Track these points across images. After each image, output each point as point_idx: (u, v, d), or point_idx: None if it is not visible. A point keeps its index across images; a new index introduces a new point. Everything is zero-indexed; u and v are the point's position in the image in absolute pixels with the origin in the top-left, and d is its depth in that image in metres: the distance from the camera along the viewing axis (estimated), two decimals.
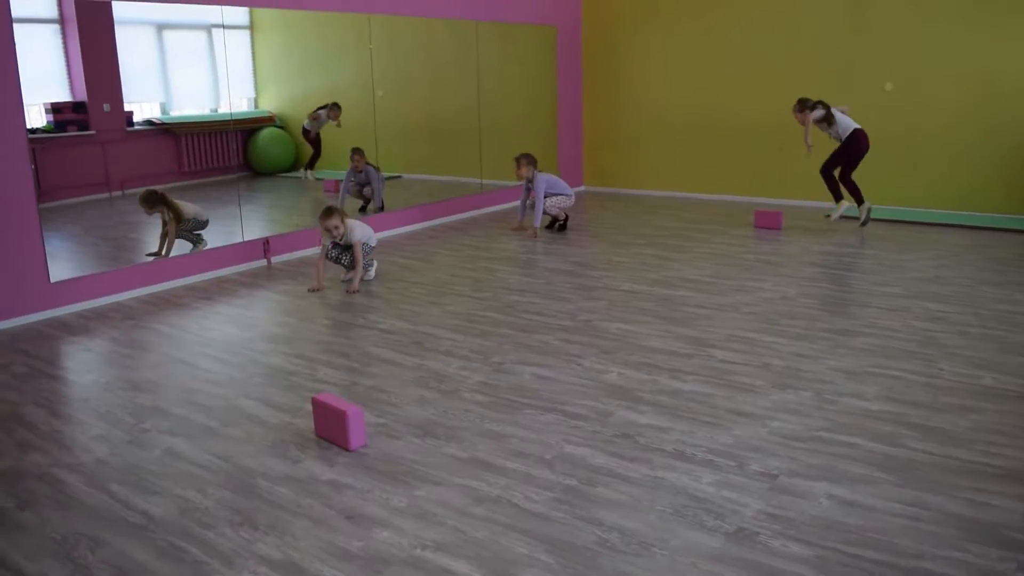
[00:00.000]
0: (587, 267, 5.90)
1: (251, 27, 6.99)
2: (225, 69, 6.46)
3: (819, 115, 6.68)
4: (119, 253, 5.93)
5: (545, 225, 7.36)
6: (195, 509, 2.71)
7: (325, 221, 5.37)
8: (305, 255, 6.56)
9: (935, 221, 7.07)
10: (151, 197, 5.75)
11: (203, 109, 6.67)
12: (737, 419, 3.28)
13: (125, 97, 5.98)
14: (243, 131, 6.96)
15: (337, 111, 7.34)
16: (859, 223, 6.86)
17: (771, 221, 7.09)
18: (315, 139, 7.39)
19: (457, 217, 8.09)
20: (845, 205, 6.87)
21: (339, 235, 5.41)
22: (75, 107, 5.73)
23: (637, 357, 4.02)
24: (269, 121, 7.19)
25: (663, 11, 8.74)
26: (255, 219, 6.61)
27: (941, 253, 6.00)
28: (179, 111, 6.50)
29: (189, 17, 6.23)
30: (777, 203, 8.27)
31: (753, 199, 8.41)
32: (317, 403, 3.21)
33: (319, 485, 2.84)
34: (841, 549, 2.37)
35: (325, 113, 7.29)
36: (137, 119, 6.17)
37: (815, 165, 8.11)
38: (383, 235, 7.26)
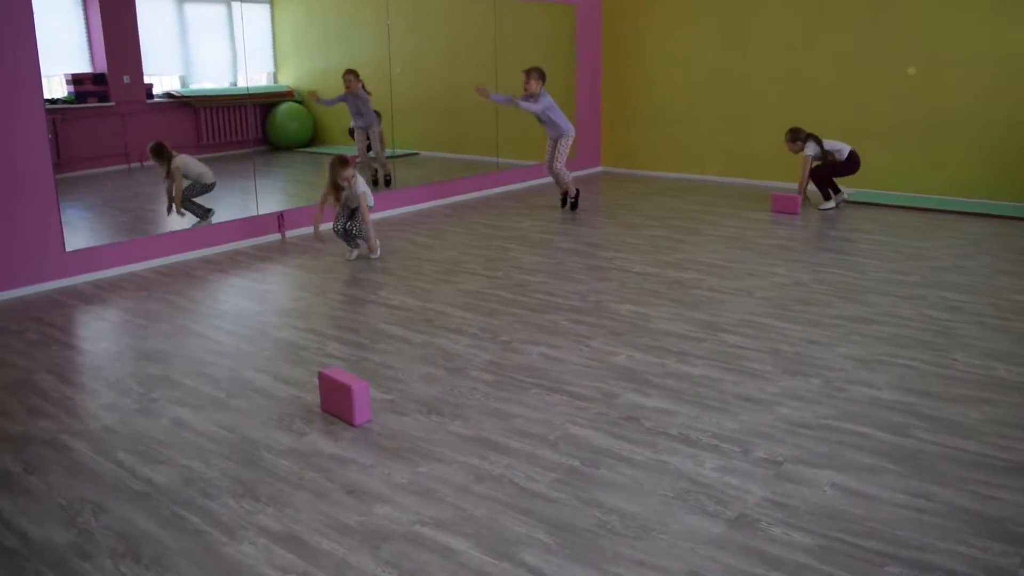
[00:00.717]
0: (600, 248, 5.86)
1: (271, 1, 6.97)
2: (244, 43, 6.45)
3: (815, 154, 7.12)
4: (136, 224, 5.97)
5: (559, 200, 7.36)
6: (199, 479, 2.73)
7: (340, 171, 5.25)
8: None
9: (955, 209, 6.96)
10: (157, 150, 5.79)
11: (222, 83, 6.69)
12: (744, 404, 3.25)
13: (145, 69, 6.01)
14: (262, 105, 6.97)
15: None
16: (827, 207, 7.17)
17: (788, 206, 7.01)
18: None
19: (472, 195, 8.07)
20: (847, 190, 7.30)
21: (348, 186, 5.34)
22: (95, 79, 5.76)
23: (647, 340, 3.99)
24: (288, 96, 7.19)
25: None
26: (271, 193, 6.63)
27: (961, 241, 5.91)
28: (198, 84, 6.51)
29: None
30: (795, 188, 8.17)
31: (771, 183, 8.32)
32: (323, 377, 3.21)
33: (322, 459, 2.85)
34: (843, 539, 2.35)
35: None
36: (157, 91, 6.19)
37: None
38: (399, 212, 7.26)
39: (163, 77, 6.31)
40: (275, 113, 7.12)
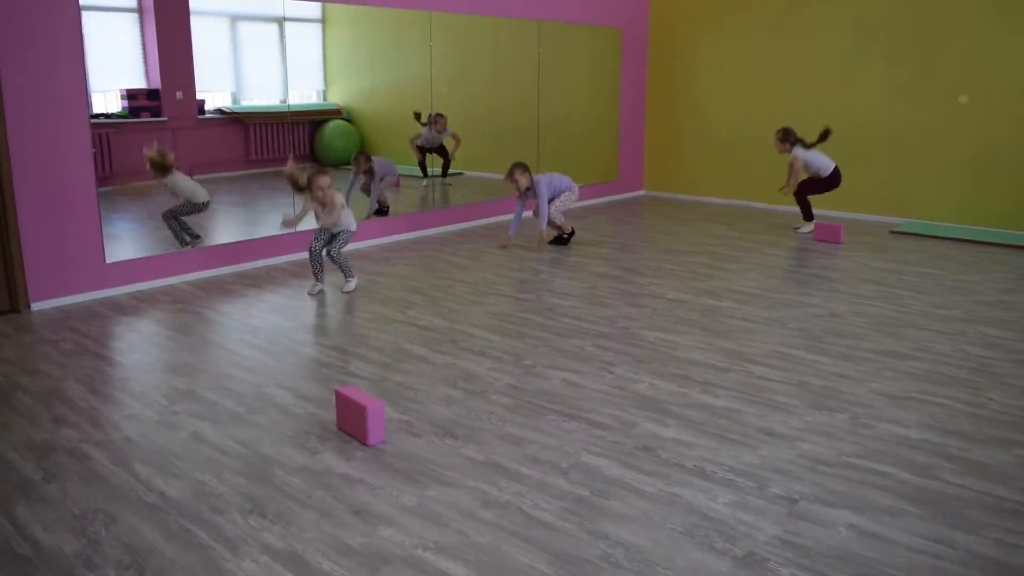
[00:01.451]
0: (635, 273, 5.81)
1: (323, 21, 7.10)
2: (294, 61, 6.58)
3: (804, 160, 7.23)
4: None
5: (549, 240, 6.83)
6: (210, 493, 2.75)
7: (318, 179, 5.03)
8: (357, 247, 6.63)
9: (1005, 242, 6.75)
10: (155, 163, 5.60)
11: (272, 100, 6.81)
12: (765, 439, 3.18)
13: (197, 86, 6.14)
14: (310, 123, 7.09)
15: (442, 121, 7.40)
16: (801, 229, 7.37)
17: (831, 234, 6.88)
18: (439, 149, 7.58)
19: (511, 216, 8.07)
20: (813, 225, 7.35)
21: (325, 199, 5.10)
22: (149, 94, 5.91)
23: (671, 368, 3.93)
24: (336, 114, 7.30)
25: (732, 16, 8.56)
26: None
27: (1008, 276, 5.73)
28: (249, 101, 6.65)
29: (262, 9, 6.36)
30: (840, 216, 8.03)
31: (816, 210, 8.17)
32: (340, 396, 3.23)
33: (333, 478, 2.86)
34: None
35: (427, 130, 7.35)
36: (208, 107, 6.33)
37: (881, 177, 7.88)
38: (437, 231, 7.31)
39: (215, 93, 6.45)
40: (323, 130, 7.23)
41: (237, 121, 6.52)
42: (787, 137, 7.27)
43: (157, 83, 5.92)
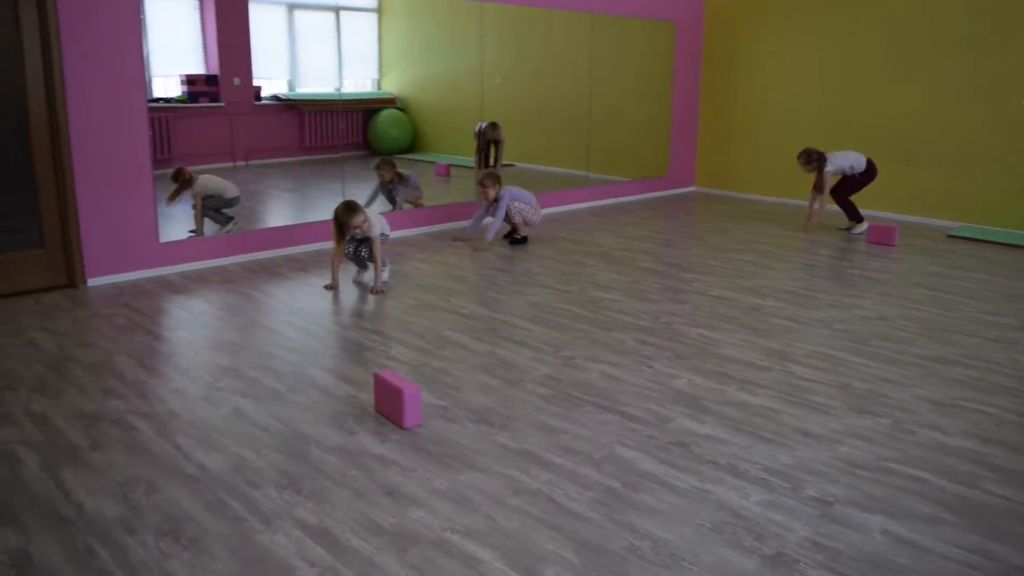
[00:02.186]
0: (680, 269, 5.77)
1: (379, 10, 7.17)
2: (350, 50, 6.65)
3: (836, 169, 7.11)
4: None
5: (503, 234, 6.68)
6: (247, 467, 2.82)
7: (349, 219, 4.86)
8: (402, 235, 6.70)
9: None
10: (175, 176, 5.67)
11: (328, 87, 6.91)
12: (802, 439, 3.14)
13: (254, 72, 6.26)
14: (364, 111, 7.17)
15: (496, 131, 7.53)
16: (854, 231, 7.24)
17: (885, 236, 6.73)
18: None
19: (559, 209, 8.08)
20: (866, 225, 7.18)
21: (360, 233, 4.99)
22: (208, 80, 6.04)
23: (711, 365, 3.90)
24: (390, 103, 7.38)
25: (788, 11, 8.41)
26: (361, 198, 6.80)
27: None
28: (304, 88, 6.75)
29: None
30: (895, 218, 7.85)
31: (870, 212, 8.01)
32: (379, 379, 3.27)
33: (367, 459, 2.91)
34: None
35: (482, 130, 7.48)
36: (264, 94, 6.45)
37: (938, 180, 7.70)
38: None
39: (271, 80, 6.57)
40: (377, 119, 7.31)
41: (292, 108, 6.62)
42: (811, 157, 7.04)
43: (216, 69, 6.05)
